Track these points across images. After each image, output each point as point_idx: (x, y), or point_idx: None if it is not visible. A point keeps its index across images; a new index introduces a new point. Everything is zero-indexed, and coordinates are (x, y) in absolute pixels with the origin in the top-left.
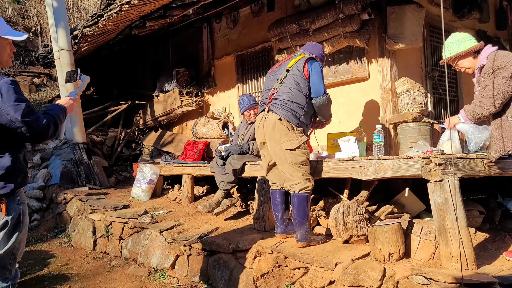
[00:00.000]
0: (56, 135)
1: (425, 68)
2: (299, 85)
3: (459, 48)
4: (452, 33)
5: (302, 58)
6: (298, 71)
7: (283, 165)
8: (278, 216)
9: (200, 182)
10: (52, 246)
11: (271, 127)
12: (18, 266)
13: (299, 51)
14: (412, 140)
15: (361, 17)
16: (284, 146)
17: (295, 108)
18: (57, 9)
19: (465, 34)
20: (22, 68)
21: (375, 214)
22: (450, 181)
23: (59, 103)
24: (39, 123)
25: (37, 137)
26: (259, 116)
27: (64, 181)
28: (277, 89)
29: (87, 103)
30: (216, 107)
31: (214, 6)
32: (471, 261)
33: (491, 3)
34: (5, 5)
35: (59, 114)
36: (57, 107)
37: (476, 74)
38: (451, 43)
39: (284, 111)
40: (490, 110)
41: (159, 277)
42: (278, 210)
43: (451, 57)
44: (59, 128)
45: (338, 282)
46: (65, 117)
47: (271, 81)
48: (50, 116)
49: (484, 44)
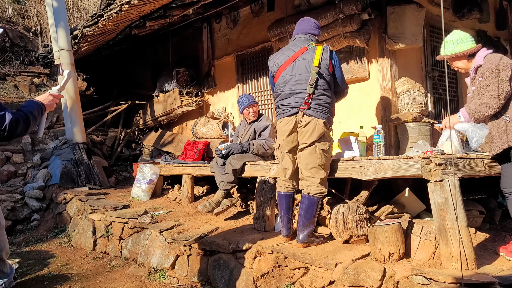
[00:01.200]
0: (29, 131)
1: (425, 68)
2: (330, 85)
3: (455, 49)
4: (454, 31)
5: (324, 52)
6: (326, 69)
7: (308, 165)
8: (289, 218)
9: (200, 182)
10: (52, 246)
11: (311, 131)
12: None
13: (302, 36)
14: (412, 140)
15: (361, 17)
16: (320, 146)
17: (331, 109)
18: (57, 9)
19: (465, 35)
20: (22, 68)
21: (375, 214)
22: (450, 181)
23: (37, 99)
24: (3, 120)
25: (2, 134)
26: (288, 121)
27: (64, 181)
28: (312, 94)
29: (87, 103)
30: (216, 107)
31: (214, 6)
32: (471, 261)
33: (491, 3)
34: (5, 5)
35: (33, 110)
36: (32, 104)
37: (471, 74)
38: (449, 41)
39: (324, 114)
40: (493, 110)
41: (159, 277)
42: (289, 212)
43: (446, 56)
44: (32, 125)
45: (338, 282)
46: (41, 113)
47: (295, 83)
48: (22, 113)
49: (481, 46)
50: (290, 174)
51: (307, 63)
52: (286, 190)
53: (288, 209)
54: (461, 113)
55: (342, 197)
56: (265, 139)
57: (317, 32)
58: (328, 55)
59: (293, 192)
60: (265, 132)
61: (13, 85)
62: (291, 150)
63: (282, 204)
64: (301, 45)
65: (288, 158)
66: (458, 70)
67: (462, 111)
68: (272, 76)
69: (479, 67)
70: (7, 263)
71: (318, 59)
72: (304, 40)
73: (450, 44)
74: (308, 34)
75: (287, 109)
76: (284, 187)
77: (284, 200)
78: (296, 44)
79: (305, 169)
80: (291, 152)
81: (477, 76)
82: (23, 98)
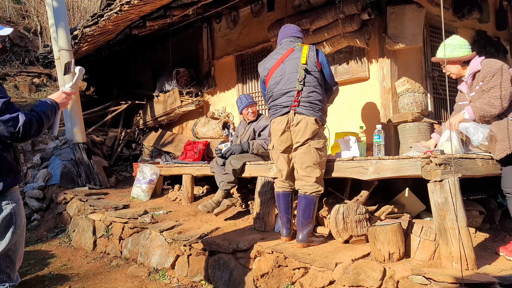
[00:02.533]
0: (43, 132)
1: (425, 68)
2: (320, 82)
3: (452, 53)
4: (453, 35)
5: (310, 50)
6: (314, 65)
7: (303, 164)
8: (288, 218)
9: (200, 182)
10: (52, 246)
11: (303, 129)
12: None
13: (287, 39)
14: (412, 140)
15: (361, 17)
16: (313, 145)
17: (322, 107)
18: (57, 9)
19: (463, 41)
20: (22, 68)
21: (375, 214)
22: (450, 181)
23: (51, 97)
24: (17, 121)
25: (16, 136)
26: (280, 120)
27: (64, 181)
28: (300, 91)
29: (87, 103)
30: (216, 107)
31: (214, 6)
32: (471, 261)
33: (491, 3)
34: (5, 5)
35: (46, 110)
36: (44, 104)
37: (468, 80)
38: (447, 45)
39: (315, 112)
40: (498, 110)
41: (159, 277)
42: (288, 212)
43: (442, 59)
44: (46, 125)
45: (338, 282)
46: (54, 112)
47: (285, 82)
48: (35, 113)
49: (476, 54)
50: (285, 174)
51: (295, 62)
52: (284, 190)
53: (286, 209)
54: (466, 110)
55: (342, 197)
56: (265, 139)
57: (300, 35)
58: (315, 53)
59: (291, 192)
60: (265, 132)
61: (13, 85)
62: (285, 150)
63: (280, 204)
64: (288, 47)
65: (283, 159)
66: (449, 74)
67: (467, 108)
68: (263, 81)
69: (477, 72)
70: (16, 269)
71: (305, 57)
72: (290, 43)
73: (448, 48)
74: (293, 37)
75: (279, 109)
76: (281, 187)
77: (283, 200)
78: (283, 47)
79: (300, 168)
80: (285, 152)
81: (476, 81)
82: (23, 98)
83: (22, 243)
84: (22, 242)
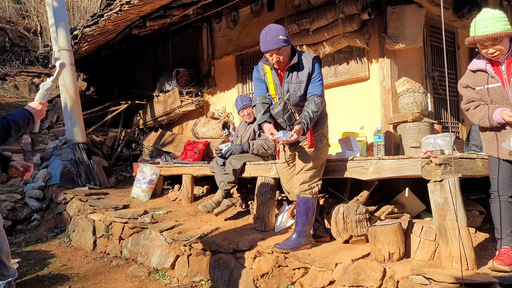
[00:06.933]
0: (10, 141)
1: (425, 68)
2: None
3: (507, 25)
4: (483, 9)
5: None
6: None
7: (300, 166)
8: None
9: (200, 182)
10: (52, 246)
11: None
12: (17, 267)
13: None
14: (412, 140)
15: (361, 17)
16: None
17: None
18: (57, 9)
19: (500, 12)
20: (22, 68)
21: (375, 214)
22: (450, 181)
23: (30, 105)
24: None
25: None
26: None
27: (64, 181)
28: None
29: (87, 103)
30: (216, 107)
31: (214, 6)
32: (471, 261)
33: (492, 3)
34: (5, 5)
35: (18, 120)
36: (18, 113)
37: (503, 64)
38: (494, 18)
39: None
40: None
41: (159, 277)
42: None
43: (499, 33)
44: (14, 134)
45: (338, 282)
46: (27, 123)
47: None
48: (4, 121)
49: None
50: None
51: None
52: (303, 194)
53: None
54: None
55: (342, 197)
56: (265, 139)
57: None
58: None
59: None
60: None
61: (13, 85)
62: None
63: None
64: None
65: (287, 173)
66: (494, 56)
67: None
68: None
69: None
70: (8, 265)
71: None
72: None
73: (501, 21)
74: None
75: None
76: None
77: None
78: None
79: (297, 170)
80: (285, 167)
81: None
82: (23, 98)
83: (5, 243)
84: (5, 240)
